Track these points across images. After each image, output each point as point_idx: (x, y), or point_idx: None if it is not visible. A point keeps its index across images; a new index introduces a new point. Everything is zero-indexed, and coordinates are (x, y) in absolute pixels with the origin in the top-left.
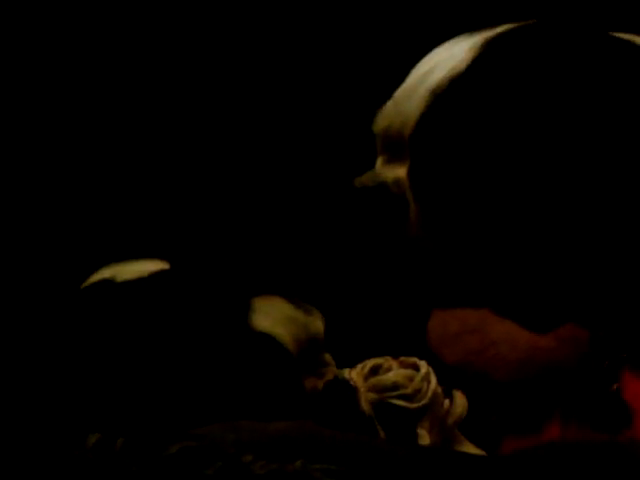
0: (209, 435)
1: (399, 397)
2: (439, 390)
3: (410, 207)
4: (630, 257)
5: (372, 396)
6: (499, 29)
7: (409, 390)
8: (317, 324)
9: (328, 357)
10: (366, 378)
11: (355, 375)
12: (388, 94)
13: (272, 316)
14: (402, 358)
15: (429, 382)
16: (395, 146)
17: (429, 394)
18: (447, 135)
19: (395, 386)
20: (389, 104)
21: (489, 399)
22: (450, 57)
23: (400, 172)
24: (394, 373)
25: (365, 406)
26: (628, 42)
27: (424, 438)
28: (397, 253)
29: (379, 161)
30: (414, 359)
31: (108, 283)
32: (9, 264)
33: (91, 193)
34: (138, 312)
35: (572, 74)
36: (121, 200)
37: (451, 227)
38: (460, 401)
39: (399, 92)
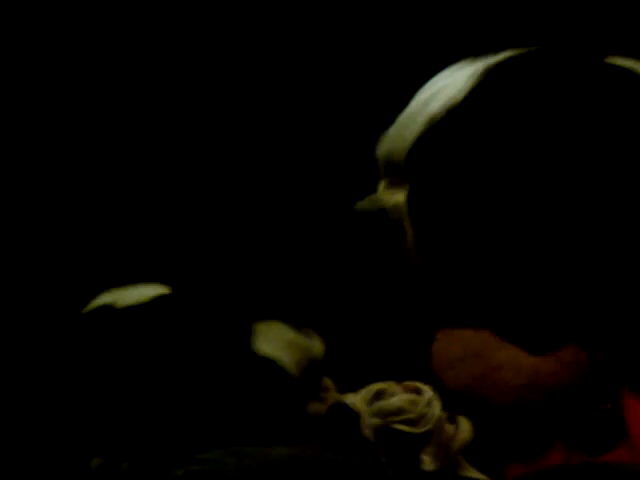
0: (213, 459)
1: (403, 422)
2: (443, 415)
3: (407, 233)
4: (629, 278)
5: (376, 421)
6: (500, 56)
7: (413, 415)
8: (318, 348)
9: (329, 381)
10: (370, 403)
11: (359, 400)
12: (394, 118)
13: (274, 340)
14: (406, 383)
15: (433, 407)
16: (395, 171)
17: (433, 419)
18: (442, 163)
19: (399, 411)
20: (392, 129)
21: (492, 424)
22: (449, 85)
23: (399, 198)
24: (398, 398)
25: (367, 431)
26: (628, 71)
27: (428, 464)
28: (396, 278)
29: (381, 186)
30: (418, 384)
31: (109, 309)
32: (9, 288)
33: (92, 215)
34: (139, 338)
35: (570, 103)
36: (122, 223)
37: (448, 254)
38: (465, 427)
39: (401, 117)
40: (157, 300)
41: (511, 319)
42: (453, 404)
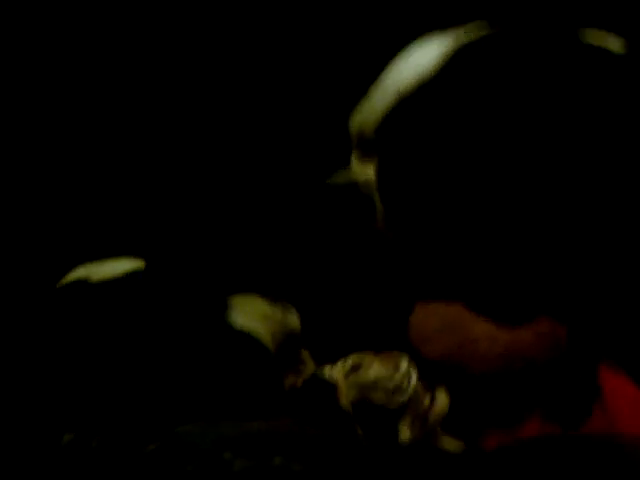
0: (189, 433)
1: (380, 393)
2: (420, 386)
3: (377, 207)
4: (605, 249)
5: (353, 393)
6: (471, 32)
7: (390, 387)
8: (294, 320)
9: (305, 354)
10: (347, 375)
11: (336, 372)
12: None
13: (249, 313)
14: (383, 354)
15: (410, 378)
16: (366, 145)
17: (410, 391)
18: (410, 138)
19: (376, 383)
20: (363, 102)
21: (469, 394)
22: (420, 60)
23: (370, 172)
24: (375, 370)
25: (345, 403)
26: (599, 48)
27: (405, 434)
28: (368, 251)
29: (353, 159)
30: (395, 354)
31: (83, 283)
32: None
33: (66, 190)
34: (114, 312)
35: (542, 80)
36: (96, 197)
37: (417, 227)
38: (442, 398)
39: (372, 91)
40: (131, 274)
41: (482, 291)
42: (431, 375)
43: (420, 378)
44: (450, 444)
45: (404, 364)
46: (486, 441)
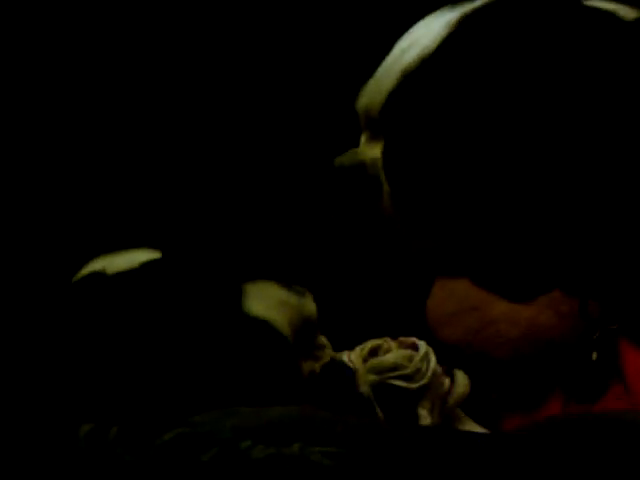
0: (206, 421)
1: (399, 378)
2: (439, 370)
3: (383, 187)
4: (614, 222)
5: (372, 378)
6: (476, 3)
7: (409, 370)
8: (310, 306)
9: (323, 339)
10: (365, 360)
11: (354, 357)
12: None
13: (265, 300)
14: (401, 338)
15: (429, 362)
16: (374, 124)
17: (429, 374)
18: (415, 115)
19: (395, 367)
20: (370, 82)
21: (489, 377)
22: (424, 34)
23: (377, 152)
24: (393, 354)
25: (364, 388)
26: (607, 13)
27: (425, 418)
28: (375, 232)
29: (362, 139)
30: (413, 339)
31: (99, 275)
32: None
33: (78, 184)
34: (131, 303)
35: (549, 49)
36: (109, 190)
37: (423, 206)
38: (461, 380)
39: (379, 70)
40: (147, 265)
41: (490, 267)
42: (450, 358)
43: (439, 362)
44: (471, 427)
45: (422, 347)
46: (507, 423)
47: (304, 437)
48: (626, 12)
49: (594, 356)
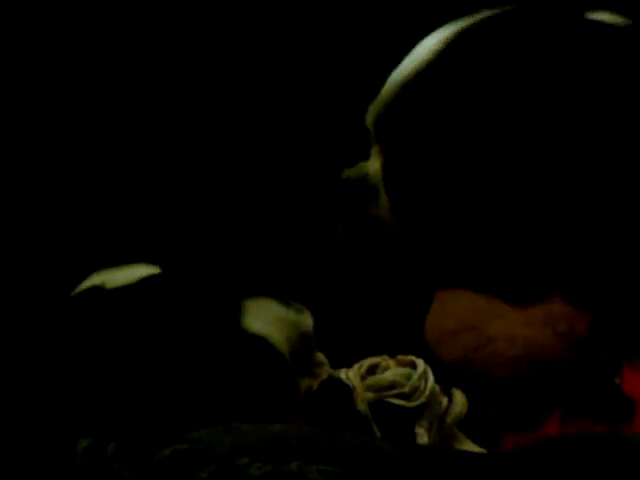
0: (204, 438)
1: (396, 396)
2: (437, 388)
3: (383, 199)
4: (621, 236)
5: (369, 395)
6: (476, 17)
7: (407, 389)
8: (308, 323)
9: (321, 356)
10: (363, 378)
11: (352, 375)
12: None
13: (263, 317)
14: (399, 357)
15: (427, 380)
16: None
17: (426, 392)
18: (409, 126)
19: (393, 385)
20: (379, 96)
21: (487, 396)
22: (424, 49)
23: (378, 164)
24: (391, 372)
25: (361, 406)
26: (604, 24)
27: (422, 437)
28: (375, 246)
29: (372, 153)
30: (411, 357)
31: (97, 290)
32: None
33: (78, 198)
34: (129, 318)
35: (547, 62)
36: (107, 204)
37: (423, 218)
38: (459, 400)
39: (386, 84)
40: (146, 280)
41: (490, 275)
42: (448, 377)
43: (437, 380)
44: (469, 446)
45: (421, 366)
46: (505, 443)
47: (302, 455)
48: (621, 21)
49: (617, 381)
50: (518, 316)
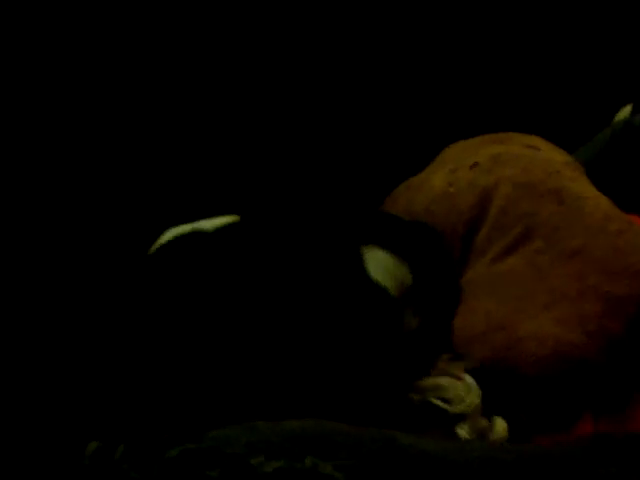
0: (220, 437)
1: (438, 398)
2: (480, 406)
3: None
4: None
5: (416, 397)
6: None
7: (450, 395)
8: (409, 277)
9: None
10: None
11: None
12: None
13: (383, 268)
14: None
15: (472, 394)
16: None
17: (469, 404)
18: None
19: (436, 388)
20: None
21: (518, 396)
22: None
23: None
24: (438, 378)
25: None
26: None
27: (462, 434)
28: None
29: None
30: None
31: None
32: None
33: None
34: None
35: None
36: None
37: None
38: (500, 427)
39: None
40: (245, 224)
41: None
42: (478, 377)
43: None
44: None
45: (468, 379)
46: (537, 442)
47: (318, 450)
48: None
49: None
50: (547, 316)
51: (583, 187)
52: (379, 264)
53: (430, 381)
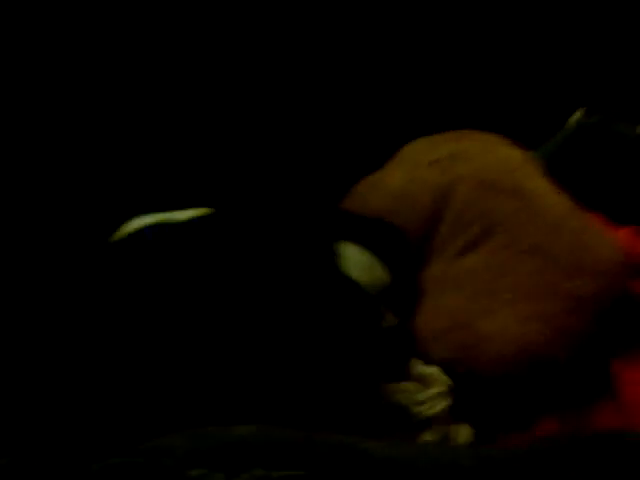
0: (159, 447)
1: (403, 402)
2: (447, 409)
3: None
4: None
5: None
6: None
7: (416, 398)
8: (387, 277)
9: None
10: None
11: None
12: None
13: (358, 264)
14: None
15: (439, 400)
16: None
17: (436, 408)
18: None
19: (404, 392)
20: None
21: (481, 396)
22: None
23: None
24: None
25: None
26: None
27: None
28: None
29: None
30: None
31: (162, 226)
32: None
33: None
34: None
35: None
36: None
37: None
38: (466, 431)
39: None
40: (214, 216)
41: None
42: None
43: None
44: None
45: (439, 387)
46: (500, 443)
47: (267, 460)
48: None
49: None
50: (510, 312)
51: (543, 184)
52: (353, 260)
53: (398, 385)
